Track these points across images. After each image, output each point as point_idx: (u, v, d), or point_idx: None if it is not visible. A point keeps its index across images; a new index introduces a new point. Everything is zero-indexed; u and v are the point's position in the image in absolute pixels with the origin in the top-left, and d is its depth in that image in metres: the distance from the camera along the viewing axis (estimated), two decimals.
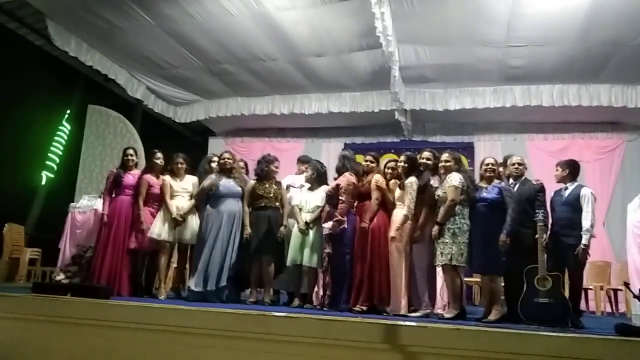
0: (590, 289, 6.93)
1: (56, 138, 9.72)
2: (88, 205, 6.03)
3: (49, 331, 3.84)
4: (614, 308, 7.11)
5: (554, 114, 8.46)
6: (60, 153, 9.67)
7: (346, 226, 4.93)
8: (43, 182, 9.46)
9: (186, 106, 9.46)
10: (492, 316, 4.20)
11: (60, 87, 9.39)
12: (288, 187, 5.56)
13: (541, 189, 4.48)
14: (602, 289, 7.01)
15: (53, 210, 8.02)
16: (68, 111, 9.74)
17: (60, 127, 9.77)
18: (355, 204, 5.07)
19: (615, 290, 7.08)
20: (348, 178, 5.05)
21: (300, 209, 5.18)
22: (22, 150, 8.93)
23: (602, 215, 8.37)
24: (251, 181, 5.47)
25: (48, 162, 9.57)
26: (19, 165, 8.92)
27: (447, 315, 4.34)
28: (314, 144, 10.13)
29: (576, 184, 4.58)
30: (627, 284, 4.05)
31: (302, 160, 5.87)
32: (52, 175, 9.51)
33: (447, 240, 4.38)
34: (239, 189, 5.35)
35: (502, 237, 4.22)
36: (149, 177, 5.52)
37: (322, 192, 5.21)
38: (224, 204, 5.26)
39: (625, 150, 8.95)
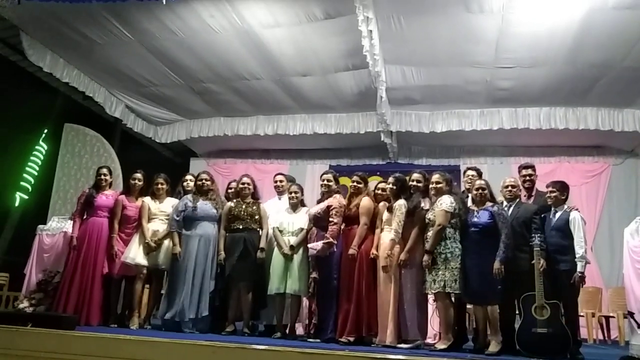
0: (582, 315, 6.73)
1: (32, 158, 9.38)
2: (57, 227, 5.68)
3: None
4: (605, 336, 6.93)
5: (541, 137, 8.42)
6: (36, 173, 9.32)
7: (335, 250, 4.67)
8: (17, 204, 9.09)
9: (167, 126, 9.20)
10: (493, 348, 3.94)
11: (37, 106, 9.08)
12: None
13: (537, 212, 4.29)
14: (593, 315, 6.84)
15: (26, 233, 7.68)
16: (45, 130, 9.43)
17: (37, 147, 9.45)
18: (342, 228, 4.82)
19: (607, 318, 6.91)
20: (339, 200, 4.81)
21: (281, 231, 4.92)
22: None
23: (590, 240, 8.24)
24: (228, 203, 5.21)
25: (23, 183, 9.22)
26: None
27: (439, 347, 4.07)
28: (299, 165, 9.93)
29: (565, 207, 4.40)
30: (631, 313, 3.85)
31: (288, 179, 5.63)
32: (26, 197, 9.14)
33: (439, 266, 4.15)
34: (215, 211, 5.10)
35: (496, 265, 4.00)
36: (123, 199, 5.27)
37: (304, 214, 4.96)
38: (200, 227, 5.00)
39: (611, 174, 8.91)
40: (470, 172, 4.98)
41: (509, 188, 4.50)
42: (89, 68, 7.36)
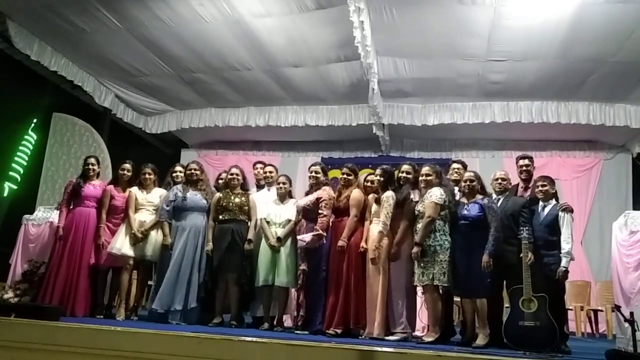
0: (570, 309, 6.76)
1: (21, 148, 9.25)
2: (43, 217, 5.60)
3: None
4: (594, 329, 6.96)
5: (532, 131, 8.43)
6: (25, 163, 9.19)
7: (324, 241, 4.64)
8: (5, 194, 8.98)
9: (157, 116, 9.12)
10: (480, 340, 3.92)
11: (26, 95, 8.94)
12: None
13: (525, 204, 4.27)
14: (582, 309, 6.87)
15: (15, 223, 7.60)
16: (35, 120, 9.31)
17: (26, 137, 9.32)
18: (331, 220, 4.78)
19: (596, 311, 6.94)
20: (328, 192, 4.78)
21: (268, 222, 4.89)
22: None
23: (579, 234, 8.28)
24: (217, 193, 5.16)
25: (11, 173, 9.10)
26: None
27: (426, 339, 4.06)
28: (290, 157, 9.90)
29: (553, 203, 4.39)
30: (618, 307, 3.85)
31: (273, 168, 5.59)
32: (15, 187, 9.03)
33: (428, 259, 4.13)
34: (205, 202, 5.05)
35: (485, 258, 3.98)
36: (111, 189, 5.22)
37: (292, 205, 4.93)
38: (189, 218, 4.96)
39: (602, 168, 8.95)
40: (455, 165, 4.94)
41: (499, 181, 4.48)
42: (77, 57, 7.27)
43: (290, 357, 3.04)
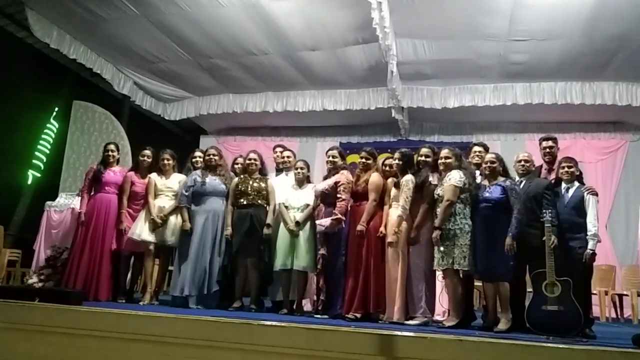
0: (594, 293, 6.63)
1: (43, 136, 9.42)
2: (65, 203, 5.69)
3: (11, 339, 3.51)
4: (619, 314, 6.85)
5: (555, 113, 8.24)
6: (48, 152, 9.39)
7: (344, 226, 4.61)
8: (29, 182, 9.16)
9: (176, 103, 9.14)
10: (502, 325, 3.87)
11: (47, 84, 9.08)
12: None
13: (549, 186, 4.16)
14: (606, 293, 6.75)
15: (39, 210, 7.76)
16: (56, 108, 9.43)
17: (48, 125, 9.47)
18: (350, 205, 4.75)
19: (621, 296, 6.82)
20: (347, 176, 4.74)
21: (287, 207, 4.87)
22: (8, 149, 8.60)
23: (604, 218, 8.09)
24: (235, 178, 5.15)
25: (35, 161, 9.27)
26: (5, 165, 8.59)
27: (447, 324, 4.01)
28: (309, 143, 9.86)
29: (577, 184, 4.27)
30: None
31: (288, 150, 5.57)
32: (38, 175, 9.21)
33: (448, 242, 4.07)
34: (224, 186, 5.05)
35: (508, 241, 3.91)
36: (132, 175, 5.26)
37: (311, 189, 4.90)
38: (208, 202, 4.97)
39: (628, 151, 8.71)
40: (477, 148, 4.83)
41: (522, 162, 4.38)
42: (95, 44, 7.31)
43: (312, 341, 3.04)
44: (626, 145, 8.72)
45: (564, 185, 4.26)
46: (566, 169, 4.22)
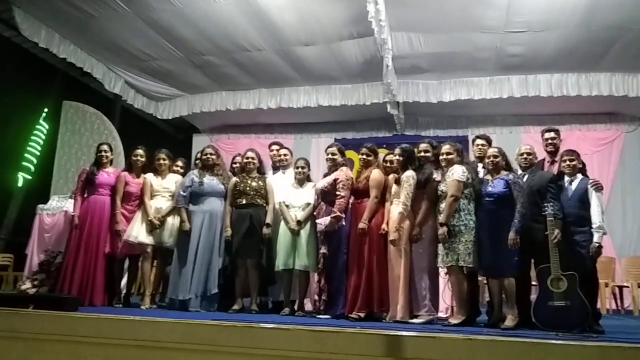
0: None
1: (33, 138, 9.23)
2: (57, 206, 5.56)
3: (5, 348, 3.40)
4: (619, 305, 6.83)
5: (551, 105, 8.20)
6: (38, 153, 9.19)
7: (344, 223, 4.53)
8: (20, 184, 8.98)
9: (168, 101, 9.01)
10: (509, 322, 3.80)
11: (35, 84, 8.89)
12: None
13: (552, 179, 4.09)
14: (607, 285, 6.71)
15: (30, 213, 7.62)
16: (46, 109, 9.25)
17: (37, 126, 9.29)
18: (351, 202, 4.66)
19: (621, 287, 6.80)
20: (346, 172, 4.66)
21: (287, 206, 4.78)
22: None
23: None
24: (234, 178, 5.05)
25: (25, 163, 9.09)
26: None
27: (453, 322, 3.94)
28: (303, 139, 9.80)
29: (580, 177, 4.21)
30: None
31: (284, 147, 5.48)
32: (29, 177, 9.03)
33: (452, 239, 3.99)
34: (222, 187, 4.95)
35: (512, 236, 3.83)
36: (126, 175, 5.15)
37: (311, 188, 4.81)
38: (206, 203, 4.87)
39: (623, 141, 8.71)
40: (479, 142, 4.74)
41: (524, 156, 4.29)
42: (85, 43, 7.15)
43: (317, 344, 2.96)
44: (622, 136, 8.72)
45: (566, 177, 4.19)
46: (567, 162, 4.15)
